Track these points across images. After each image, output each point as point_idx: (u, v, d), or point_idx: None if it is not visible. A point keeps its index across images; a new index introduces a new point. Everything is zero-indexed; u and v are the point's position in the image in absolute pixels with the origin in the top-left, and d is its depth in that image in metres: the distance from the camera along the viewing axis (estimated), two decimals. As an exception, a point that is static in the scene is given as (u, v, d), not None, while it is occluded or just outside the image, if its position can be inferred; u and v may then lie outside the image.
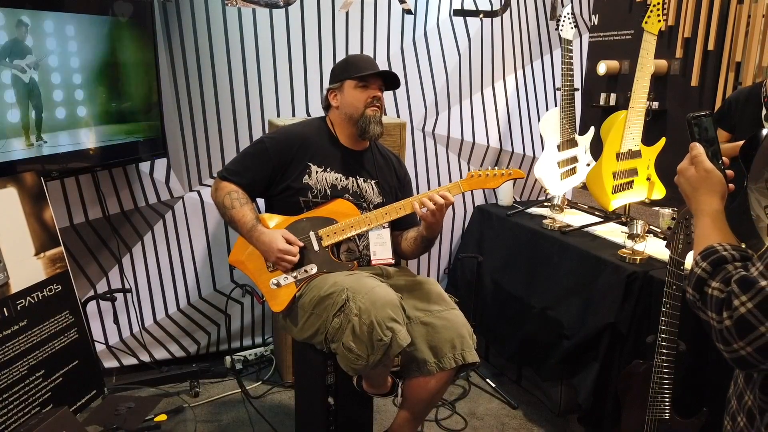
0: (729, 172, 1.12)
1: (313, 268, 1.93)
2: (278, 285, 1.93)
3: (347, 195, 2.03)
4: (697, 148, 1.11)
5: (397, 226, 2.09)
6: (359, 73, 1.99)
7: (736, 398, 1.07)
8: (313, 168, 2.02)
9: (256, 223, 1.93)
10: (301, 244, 1.92)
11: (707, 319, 0.97)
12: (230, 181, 1.99)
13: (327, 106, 2.10)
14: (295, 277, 1.93)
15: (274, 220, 2.00)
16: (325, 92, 2.09)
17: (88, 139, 2.25)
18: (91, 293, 2.63)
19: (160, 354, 2.88)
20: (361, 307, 1.70)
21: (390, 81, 2.07)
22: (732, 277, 0.94)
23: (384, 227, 1.96)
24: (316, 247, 1.94)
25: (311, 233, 1.95)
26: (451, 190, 1.90)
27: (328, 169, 2.03)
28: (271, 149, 2.01)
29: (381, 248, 1.97)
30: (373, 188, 2.09)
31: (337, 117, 2.07)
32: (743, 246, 1.03)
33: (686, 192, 1.12)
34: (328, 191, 2.01)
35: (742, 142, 1.52)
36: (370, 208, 2.05)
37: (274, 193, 2.03)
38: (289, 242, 1.90)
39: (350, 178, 2.05)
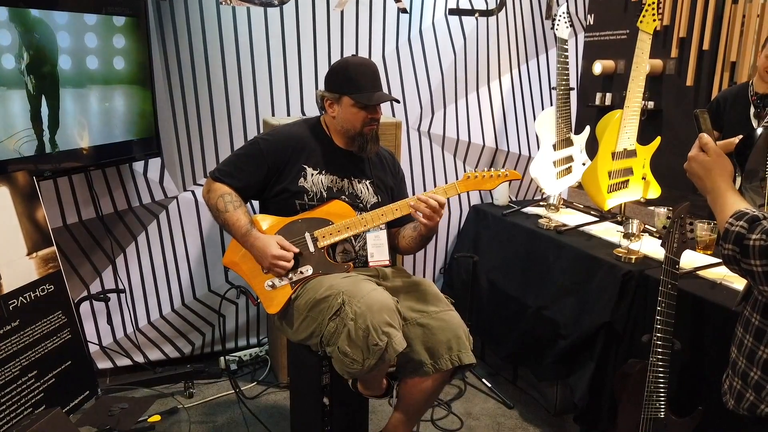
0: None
1: (308, 270, 1.91)
2: (273, 287, 1.92)
3: (343, 196, 2.01)
4: (706, 137, 1.25)
5: (394, 223, 2.08)
6: (360, 92, 1.92)
7: (745, 358, 1.23)
8: (309, 170, 2.00)
9: (250, 227, 1.91)
10: (296, 250, 1.90)
11: (749, 267, 1.11)
12: (223, 182, 1.97)
13: (322, 107, 2.04)
14: (290, 279, 1.91)
15: (267, 220, 1.98)
16: (320, 92, 2.02)
17: (81, 138, 2.23)
18: (85, 294, 2.61)
19: (154, 355, 2.86)
20: (357, 312, 1.68)
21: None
22: None
23: (381, 228, 1.95)
24: (311, 248, 1.93)
25: (307, 234, 1.93)
26: (448, 192, 1.90)
27: (324, 171, 2.01)
28: (266, 151, 1.98)
29: (378, 250, 1.96)
30: (368, 188, 2.07)
31: (333, 123, 2.03)
32: None
33: (700, 174, 1.25)
34: (324, 193, 2.00)
35: (736, 140, 1.53)
36: (367, 208, 2.04)
37: (270, 196, 2.02)
38: (283, 248, 1.89)
39: (345, 179, 2.04)
